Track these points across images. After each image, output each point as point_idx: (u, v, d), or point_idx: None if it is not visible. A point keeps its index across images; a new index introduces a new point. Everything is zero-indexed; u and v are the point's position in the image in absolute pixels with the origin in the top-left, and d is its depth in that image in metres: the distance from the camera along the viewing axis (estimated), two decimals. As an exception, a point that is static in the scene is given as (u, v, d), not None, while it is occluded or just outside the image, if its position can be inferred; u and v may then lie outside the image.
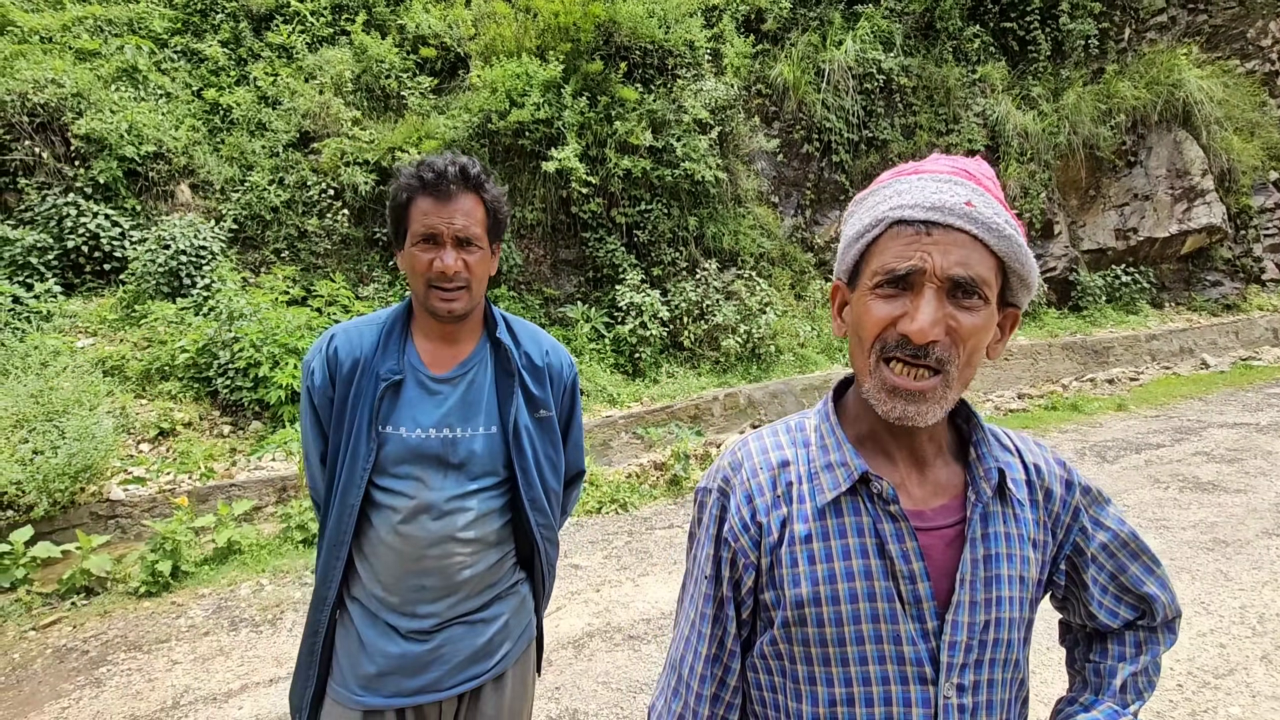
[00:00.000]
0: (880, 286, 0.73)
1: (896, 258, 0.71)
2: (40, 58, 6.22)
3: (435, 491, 1.28)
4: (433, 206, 1.24)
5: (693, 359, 7.29)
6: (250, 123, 6.76)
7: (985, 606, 0.77)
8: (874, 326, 0.73)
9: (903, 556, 0.76)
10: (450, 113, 6.98)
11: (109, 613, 3.45)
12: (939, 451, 0.83)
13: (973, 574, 0.77)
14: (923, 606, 0.76)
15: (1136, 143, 9.84)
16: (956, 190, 0.71)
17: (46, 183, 5.86)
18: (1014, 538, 0.80)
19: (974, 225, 0.70)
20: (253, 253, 6.50)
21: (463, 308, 1.29)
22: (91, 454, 4.12)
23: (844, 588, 0.77)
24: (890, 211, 0.72)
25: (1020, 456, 0.86)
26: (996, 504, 0.80)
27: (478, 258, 1.28)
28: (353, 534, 1.30)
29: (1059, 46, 9.88)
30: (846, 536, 0.78)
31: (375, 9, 7.63)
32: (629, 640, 3.10)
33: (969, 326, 0.70)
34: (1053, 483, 0.86)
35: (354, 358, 1.31)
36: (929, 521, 0.79)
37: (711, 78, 7.76)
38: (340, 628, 1.35)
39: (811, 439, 0.85)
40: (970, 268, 0.69)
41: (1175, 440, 5.66)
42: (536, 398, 1.39)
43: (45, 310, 5.34)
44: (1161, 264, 10.03)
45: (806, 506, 0.80)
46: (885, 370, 0.73)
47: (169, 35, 7.15)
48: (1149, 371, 8.23)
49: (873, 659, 0.76)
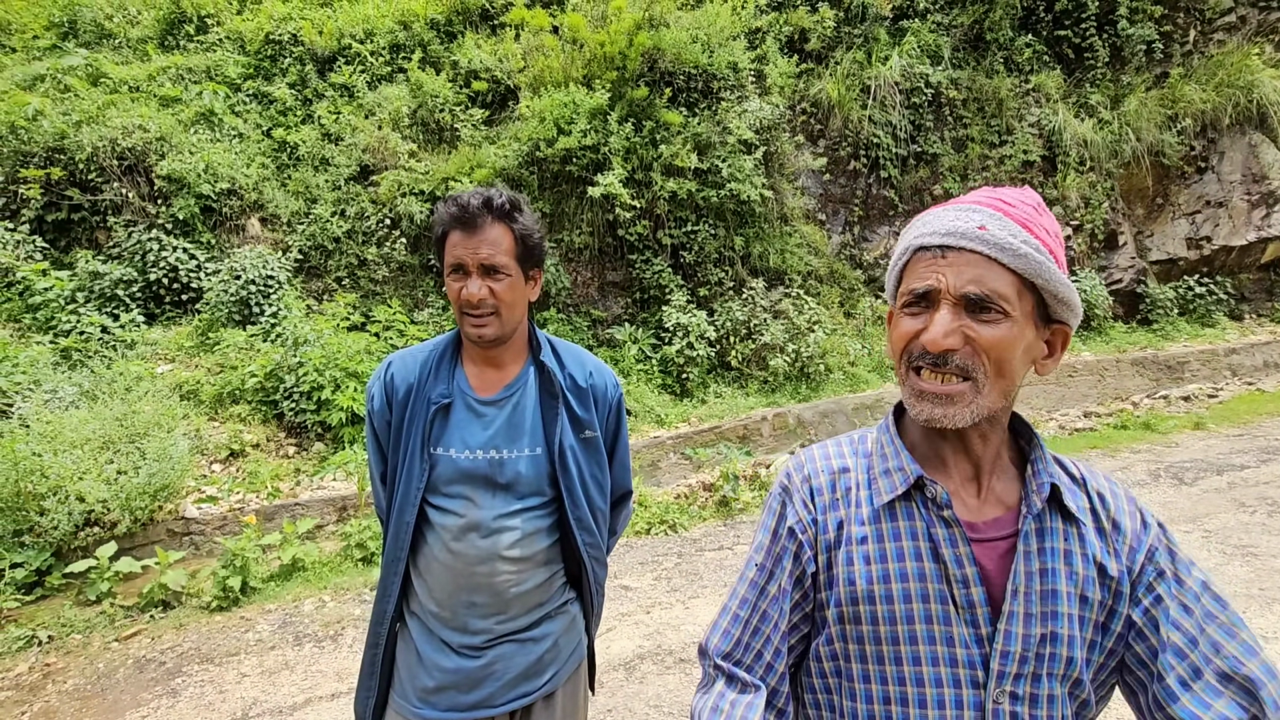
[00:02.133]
0: (907, 306, 0.82)
1: (917, 279, 0.81)
2: (128, 106, 6.73)
3: (484, 510, 1.33)
4: (461, 238, 1.31)
5: (741, 379, 7.24)
6: (315, 158, 7.13)
7: (1041, 620, 0.78)
8: (900, 340, 0.82)
9: (956, 561, 0.80)
10: (500, 142, 7.21)
11: (184, 626, 3.63)
12: (996, 466, 0.86)
13: (1027, 586, 0.78)
14: (976, 612, 0.79)
15: (1207, 148, 9.38)
16: (972, 216, 0.79)
17: (133, 220, 6.30)
18: (1075, 555, 0.80)
19: (985, 246, 0.77)
20: (316, 281, 6.82)
21: (493, 333, 1.33)
22: (169, 474, 4.37)
23: (898, 588, 0.81)
24: (914, 240, 0.82)
25: (1085, 485, 0.87)
26: (1055, 520, 0.81)
27: (505, 285, 1.32)
28: (409, 550, 1.36)
29: (1118, 52, 9.54)
30: (901, 539, 0.83)
31: (430, 47, 7.98)
32: (680, 663, 3.07)
33: (988, 338, 0.76)
34: (1120, 516, 0.84)
35: (408, 383, 1.38)
36: (981, 533, 0.82)
37: (756, 98, 7.80)
38: (400, 641, 1.41)
39: (872, 449, 0.92)
40: (984, 284, 0.76)
41: (1261, 461, 5.29)
42: (581, 418, 1.43)
43: (130, 339, 5.72)
44: (1239, 274, 9.47)
45: (864, 510, 0.86)
46: (914, 377, 0.81)
47: (242, 80, 7.64)
48: (1229, 387, 7.74)
49: (925, 660, 0.79)
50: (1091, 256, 9.12)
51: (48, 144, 6.12)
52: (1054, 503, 0.82)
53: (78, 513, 3.98)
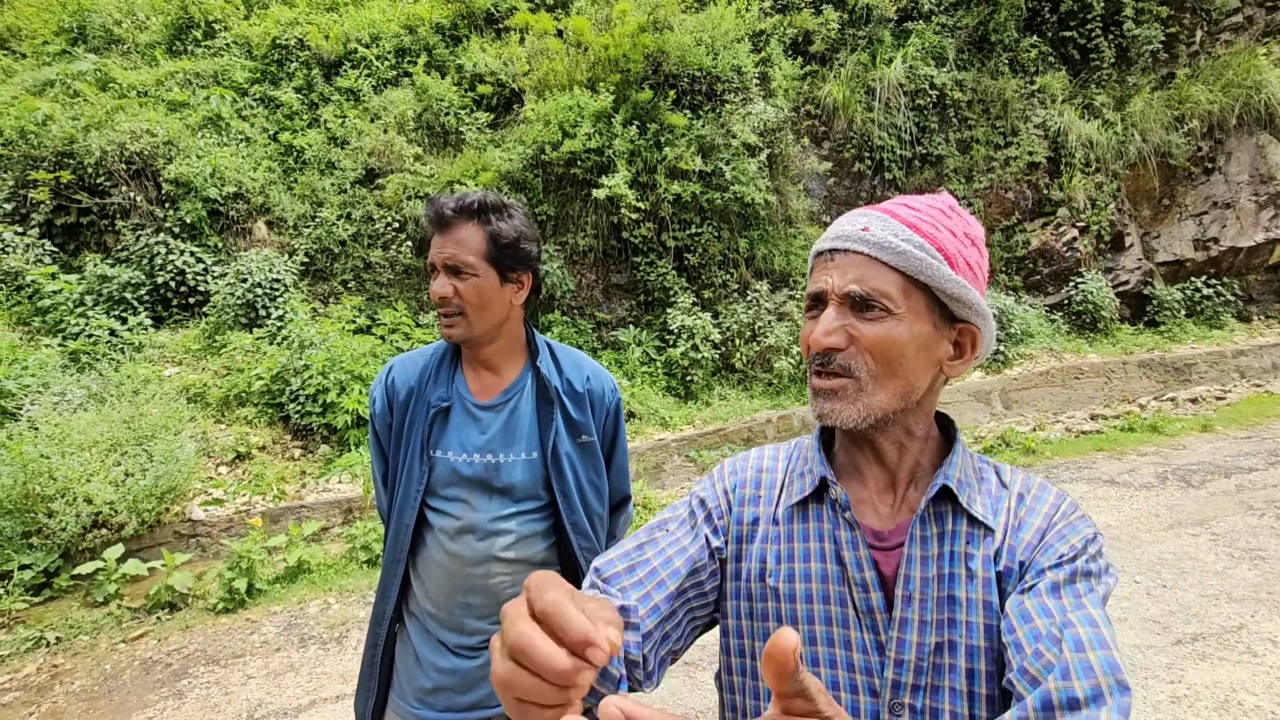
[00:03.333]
0: (808, 310, 0.83)
1: (812, 282, 0.83)
2: (137, 110, 6.78)
3: (480, 513, 1.35)
4: (435, 239, 1.34)
5: (745, 381, 7.24)
6: (321, 162, 7.17)
7: (937, 628, 0.75)
8: (802, 343, 0.83)
9: (856, 564, 0.79)
10: (505, 145, 7.23)
11: (190, 627, 3.64)
12: (916, 475, 0.85)
13: (922, 591, 0.76)
14: (875, 617, 0.77)
15: (1214, 148, 9.33)
16: (858, 219, 0.81)
17: (140, 224, 6.35)
18: (976, 559, 0.76)
19: (866, 246, 0.78)
20: (322, 284, 6.85)
21: (461, 334, 1.34)
22: (176, 476, 4.40)
23: (800, 587, 0.81)
24: (815, 248, 0.85)
25: (1008, 488, 0.83)
26: (960, 523, 0.79)
27: (470, 284, 1.32)
28: (408, 552, 1.38)
29: (1124, 53, 9.51)
30: (809, 540, 0.83)
31: (435, 51, 8.02)
32: (684, 666, 3.07)
33: (870, 335, 0.77)
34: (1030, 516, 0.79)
35: (409, 386, 1.40)
36: (887, 541, 0.81)
37: (760, 101, 7.81)
38: (399, 642, 1.43)
39: (802, 453, 0.92)
40: (865, 283, 0.77)
41: (1270, 464, 5.25)
42: (577, 423, 1.44)
43: (137, 341, 5.76)
44: (1247, 275, 9.41)
45: (778, 509, 0.87)
46: (812, 378, 0.81)
47: (249, 85, 7.69)
48: (1237, 390, 7.69)
49: (824, 661, 0.78)
50: (1098, 258, 9.08)
51: (57, 148, 6.17)
52: (958, 506, 0.79)
53: (85, 515, 4.00)
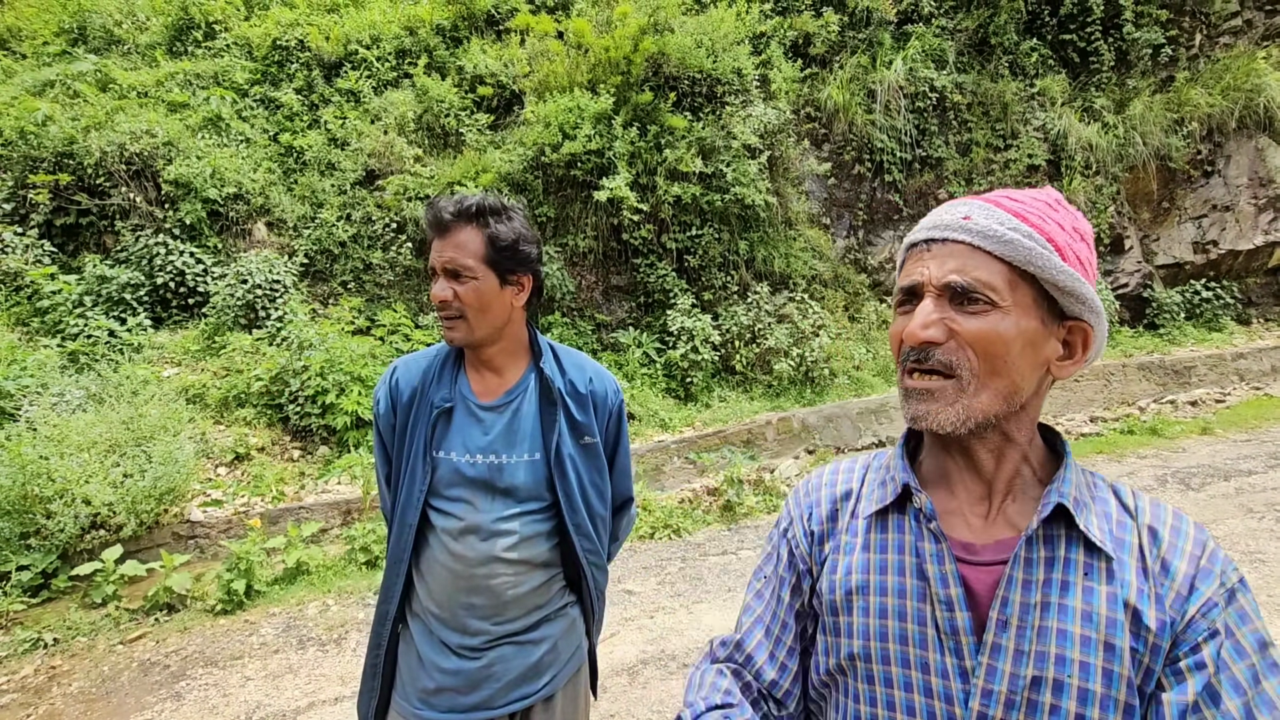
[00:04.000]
0: (900, 305, 0.79)
1: (905, 275, 0.78)
2: (137, 111, 6.78)
3: (483, 514, 1.35)
4: (434, 242, 1.35)
5: (745, 383, 7.23)
6: (321, 163, 7.17)
7: (1036, 660, 0.68)
8: (893, 340, 0.78)
9: (940, 580, 0.73)
10: (506, 147, 7.23)
11: (188, 629, 3.63)
12: (1015, 486, 0.77)
13: (1020, 618, 0.69)
14: (960, 640, 0.71)
15: (1213, 151, 9.35)
16: (958, 209, 0.76)
17: (140, 225, 6.34)
18: (1097, 593, 0.69)
19: (968, 234, 0.73)
20: (322, 285, 6.85)
21: (461, 337, 1.35)
22: (174, 477, 4.39)
23: (876, 601, 0.77)
24: (907, 239, 0.81)
25: (1135, 517, 0.75)
26: (1075, 549, 0.71)
27: (469, 288, 1.32)
28: (411, 552, 1.38)
29: (1123, 56, 9.53)
30: (888, 551, 0.79)
31: (436, 52, 8.02)
32: (683, 669, 3.06)
33: (973, 329, 0.71)
34: (1174, 557, 0.71)
35: (412, 386, 1.40)
36: (978, 555, 0.74)
37: (760, 103, 7.81)
38: (402, 643, 1.43)
39: (884, 463, 0.88)
40: (967, 273, 0.72)
41: (1269, 466, 5.25)
42: (580, 424, 1.44)
43: (136, 342, 5.75)
44: (1246, 278, 9.43)
45: (858, 521, 0.83)
46: (905, 378, 0.76)
47: (249, 85, 7.69)
48: (1237, 392, 7.70)
49: (899, 684, 0.73)
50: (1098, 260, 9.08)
51: (57, 149, 6.17)
52: (1074, 529, 0.72)
53: (84, 516, 3.99)
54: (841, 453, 6.47)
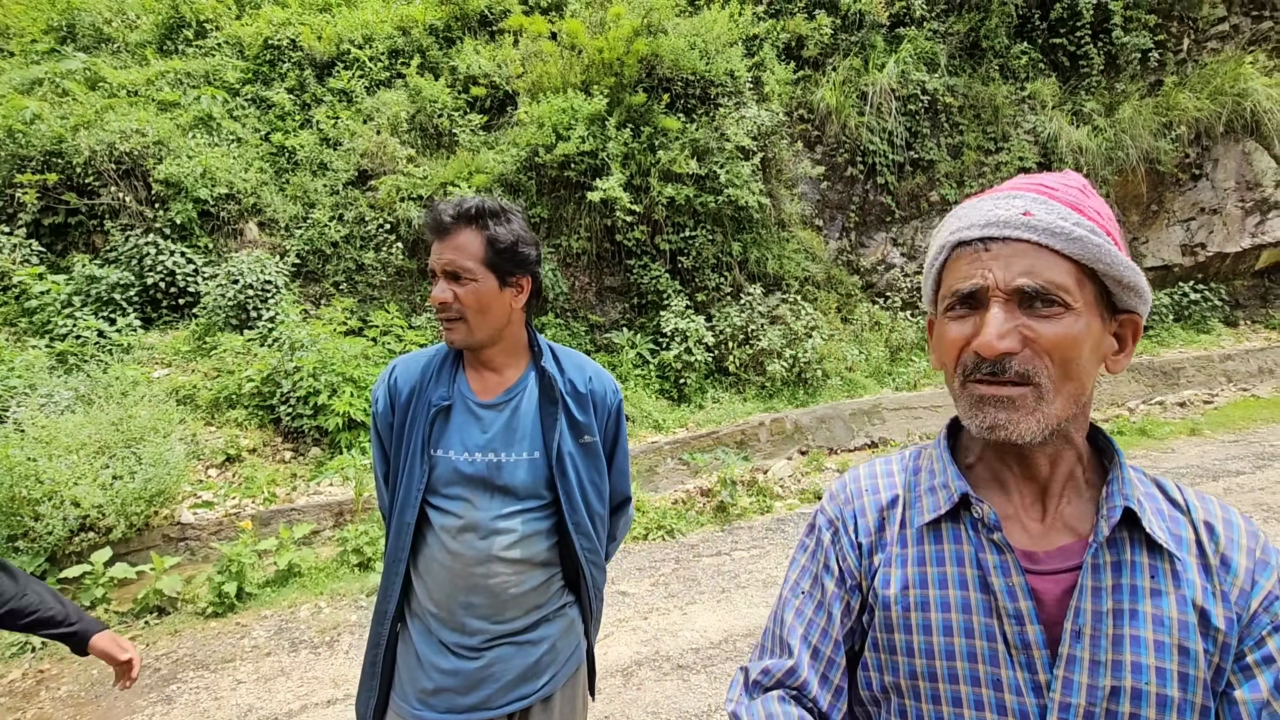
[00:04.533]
0: (951, 309, 0.73)
1: (960, 279, 0.71)
2: (126, 110, 6.73)
3: (482, 512, 1.35)
4: (434, 245, 1.35)
5: (738, 384, 7.25)
6: (313, 163, 7.13)
7: (1112, 670, 0.66)
8: (951, 349, 0.72)
9: (1008, 593, 0.69)
10: (499, 148, 7.22)
11: (179, 632, 3.61)
12: (1069, 487, 0.75)
13: (1094, 627, 0.67)
14: (1032, 654, 0.68)
15: (1201, 155, 9.44)
16: (1014, 203, 0.70)
17: (129, 224, 6.29)
18: (1166, 596, 0.67)
19: (1033, 233, 0.68)
20: (314, 286, 6.81)
21: (461, 339, 1.36)
22: (165, 479, 4.35)
23: (938, 618, 0.71)
24: (950, 236, 0.73)
25: (1189, 513, 0.74)
26: (1139, 552, 0.69)
27: (468, 290, 1.33)
28: (409, 551, 1.38)
29: (1113, 60, 9.61)
30: (945, 564, 0.74)
31: (429, 53, 8.00)
32: (678, 670, 3.06)
33: (1050, 335, 0.67)
34: (1232, 551, 0.70)
35: (411, 385, 1.41)
36: (1042, 564, 0.71)
37: (753, 105, 7.84)
38: (401, 643, 1.43)
39: (923, 465, 0.83)
40: (1038, 275, 0.67)
41: (1257, 467, 5.31)
42: (580, 423, 1.44)
43: (126, 343, 5.70)
44: (1234, 280, 9.53)
45: (907, 531, 0.78)
46: (972, 385, 0.71)
47: (240, 85, 7.64)
48: (1224, 394, 7.78)
49: (968, 702, 0.69)
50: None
51: (45, 148, 6.11)
52: (1136, 531, 0.71)
53: (72, 518, 3.95)
54: (834, 454, 6.50)
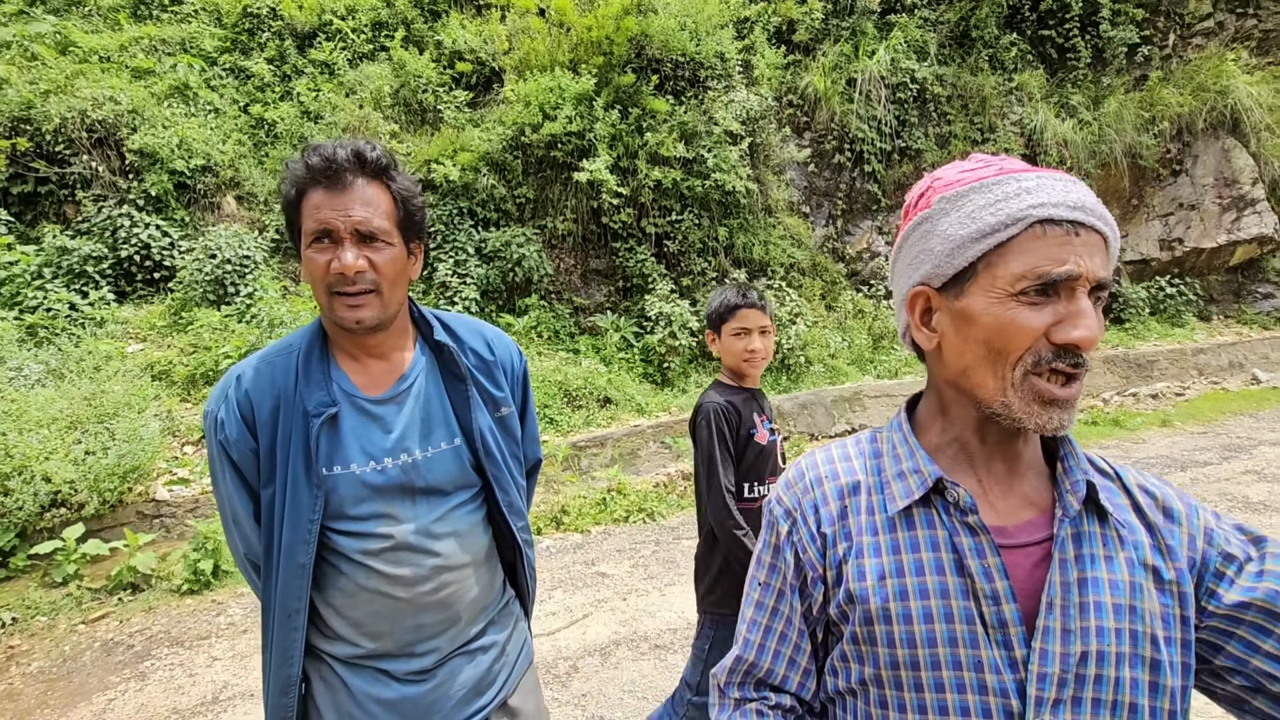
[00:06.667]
0: (1025, 293, 0.67)
1: (1051, 260, 0.66)
2: (99, 76, 6.53)
3: (409, 524, 1.15)
4: (325, 198, 1.06)
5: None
6: (293, 136, 6.99)
7: (1081, 636, 0.68)
8: (1027, 337, 0.68)
9: (984, 574, 0.70)
10: (485, 125, 7.12)
11: (153, 609, 3.57)
12: (1031, 463, 0.77)
13: (1064, 598, 0.69)
14: (1009, 631, 0.69)
15: (1182, 151, 9.56)
16: (1083, 190, 0.69)
17: (102, 195, 6.13)
18: (1117, 561, 0.71)
19: (1107, 226, 0.69)
20: (293, 262, 6.70)
21: (373, 316, 1.11)
22: (139, 455, 4.28)
23: (917, 606, 0.71)
24: (1031, 210, 0.67)
25: (1120, 480, 0.77)
26: (1093, 523, 0.72)
27: (386, 256, 1.10)
28: (308, 596, 1.12)
29: (1100, 54, 9.67)
30: (920, 550, 0.73)
31: (414, 26, 7.84)
32: (655, 650, 3.10)
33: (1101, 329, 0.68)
34: (1171, 502, 0.75)
35: (271, 396, 1.12)
36: (1012, 538, 0.73)
37: (743, 89, 7.79)
38: (320, 683, 1.18)
39: (884, 449, 0.82)
40: (1106, 269, 0.68)
41: (1223, 458, 5.45)
42: (495, 397, 1.28)
43: (99, 317, 5.58)
44: (1209, 275, 9.71)
45: (876, 518, 0.77)
46: (1039, 382, 0.68)
47: (218, 54, 7.45)
48: (1195, 386, 7.95)
49: (950, 686, 0.70)
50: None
51: (13, 114, 5.92)
52: (1089, 504, 0.73)
53: (44, 493, 3.88)
54: (816, 439, 6.56)
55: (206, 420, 1.15)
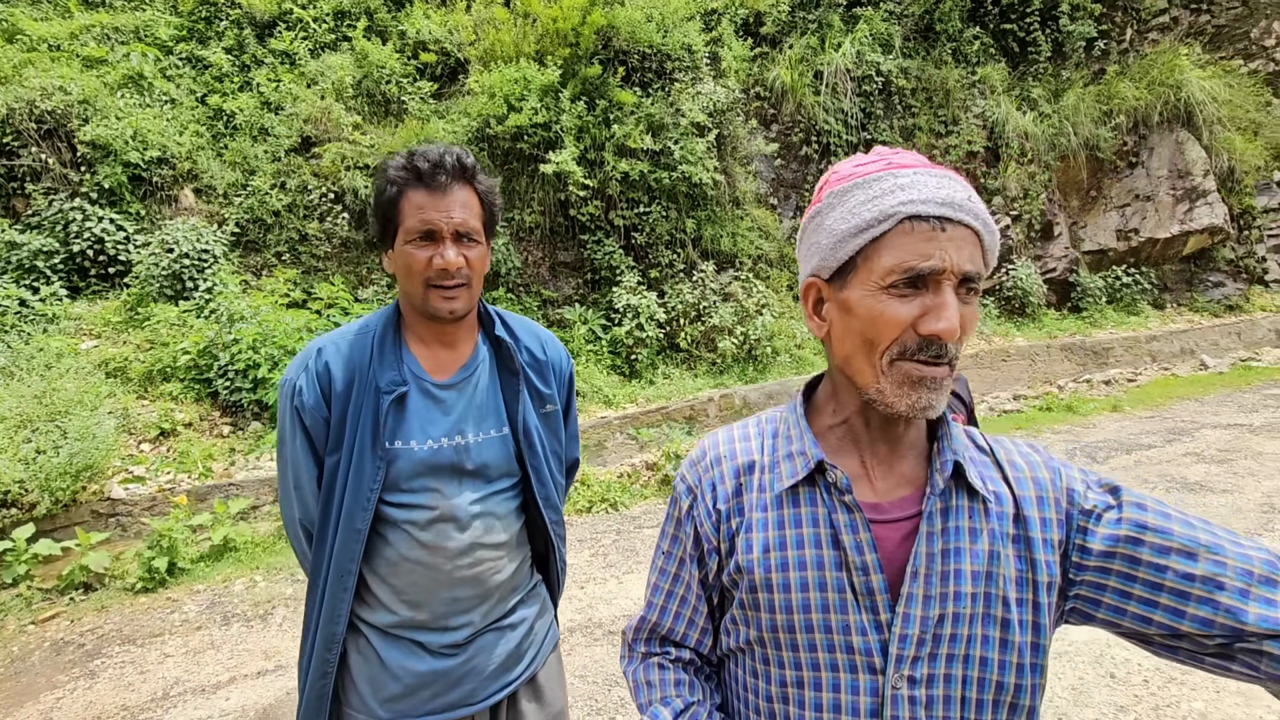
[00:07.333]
0: (895, 286, 0.71)
1: (917, 255, 0.69)
2: (48, 65, 6.35)
3: (455, 500, 1.24)
4: (428, 200, 1.17)
5: (689, 360, 7.33)
6: (253, 128, 6.87)
7: (940, 600, 0.74)
8: (895, 328, 0.71)
9: (855, 548, 0.76)
10: (450, 117, 7.07)
11: (106, 608, 3.54)
12: (912, 444, 0.82)
13: (927, 567, 0.75)
14: (875, 598, 0.75)
15: (1138, 143, 9.81)
16: (957, 187, 0.72)
17: (53, 188, 5.99)
18: (980, 532, 0.76)
19: (977, 221, 0.71)
20: (255, 256, 6.61)
21: (464, 307, 1.23)
22: (93, 453, 4.23)
23: (795, 576, 0.78)
24: (901, 206, 0.70)
25: (993, 454, 0.83)
26: (962, 498, 0.78)
27: (477, 253, 1.23)
28: (362, 559, 1.21)
29: (1059, 48, 9.86)
30: (802, 526, 0.79)
31: (376, 15, 7.73)
32: (608, 635, 3.16)
33: (971, 319, 0.72)
34: (1036, 471, 0.81)
35: (348, 371, 1.23)
36: (886, 514, 0.79)
37: (710, 81, 7.81)
38: (355, 655, 1.26)
39: (780, 430, 0.87)
40: (975, 262, 0.71)
41: (1167, 441, 5.65)
42: (543, 393, 1.38)
43: (51, 313, 5.46)
44: (1163, 265, 9.99)
45: (767, 495, 0.82)
46: (907, 365, 0.72)
47: (174, 42, 7.28)
48: (1147, 373, 8.20)
49: (822, 646, 0.77)
50: (1028, 246, 9.49)
51: (-43, 104, 5.75)
52: (959, 480, 0.78)
53: (-8, 493, 3.83)
54: (780, 429, 6.65)
55: (283, 388, 1.25)
